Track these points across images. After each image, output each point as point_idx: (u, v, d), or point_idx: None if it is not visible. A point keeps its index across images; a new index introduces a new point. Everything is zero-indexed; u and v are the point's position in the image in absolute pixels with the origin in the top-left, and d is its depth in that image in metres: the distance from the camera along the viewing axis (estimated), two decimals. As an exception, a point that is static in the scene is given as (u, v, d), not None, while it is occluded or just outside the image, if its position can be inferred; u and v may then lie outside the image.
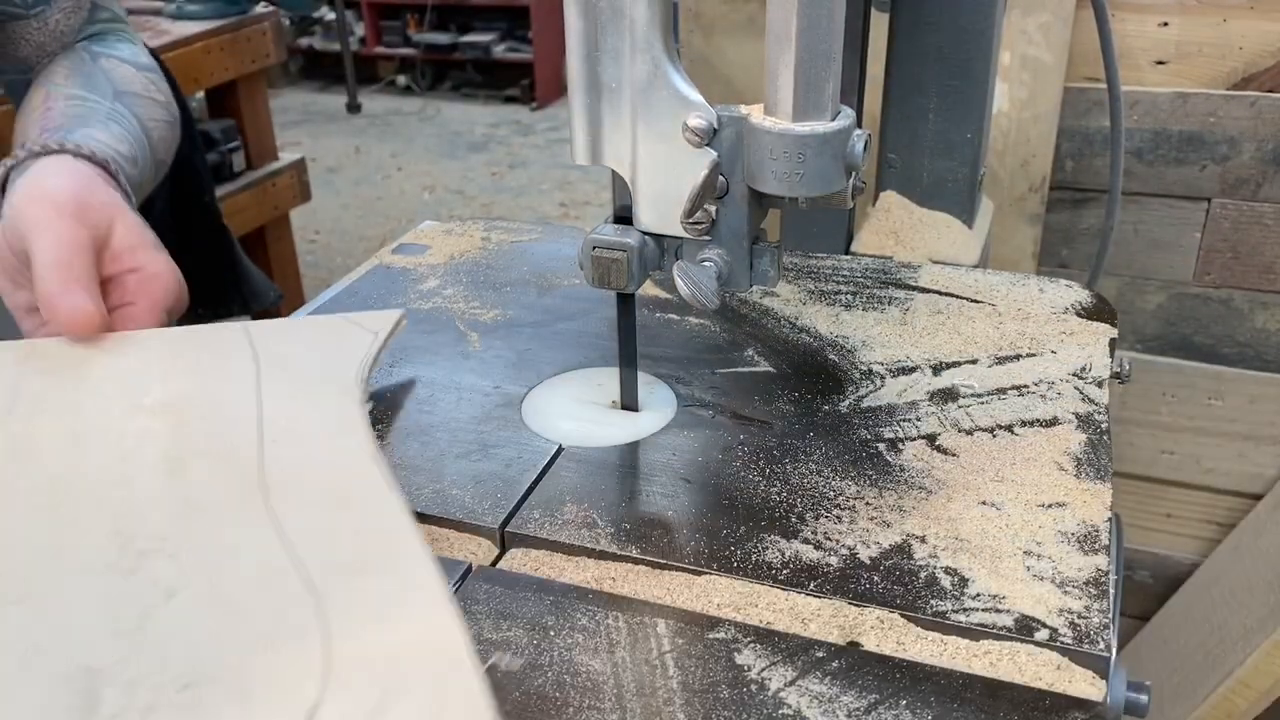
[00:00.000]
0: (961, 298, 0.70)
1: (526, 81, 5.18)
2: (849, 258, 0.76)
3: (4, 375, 0.52)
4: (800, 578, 0.46)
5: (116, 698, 0.35)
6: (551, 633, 0.44)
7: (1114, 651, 0.42)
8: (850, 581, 0.46)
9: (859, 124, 0.48)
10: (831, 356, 0.63)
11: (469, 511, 0.51)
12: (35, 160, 0.63)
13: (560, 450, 0.55)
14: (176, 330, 0.58)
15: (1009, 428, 0.56)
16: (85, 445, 0.48)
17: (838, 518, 0.49)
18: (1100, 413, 0.57)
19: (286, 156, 2.25)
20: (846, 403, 0.59)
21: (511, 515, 0.51)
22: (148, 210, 0.79)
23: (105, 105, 0.73)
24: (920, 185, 0.85)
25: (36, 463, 0.47)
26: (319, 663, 0.36)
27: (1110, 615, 0.44)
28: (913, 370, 0.61)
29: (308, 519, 0.44)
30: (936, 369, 0.62)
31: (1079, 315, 0.67)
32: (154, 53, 0.86)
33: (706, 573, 0.47)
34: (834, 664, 0.42)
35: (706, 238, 0.51)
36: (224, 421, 0.50)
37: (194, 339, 0.57)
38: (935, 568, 0.46)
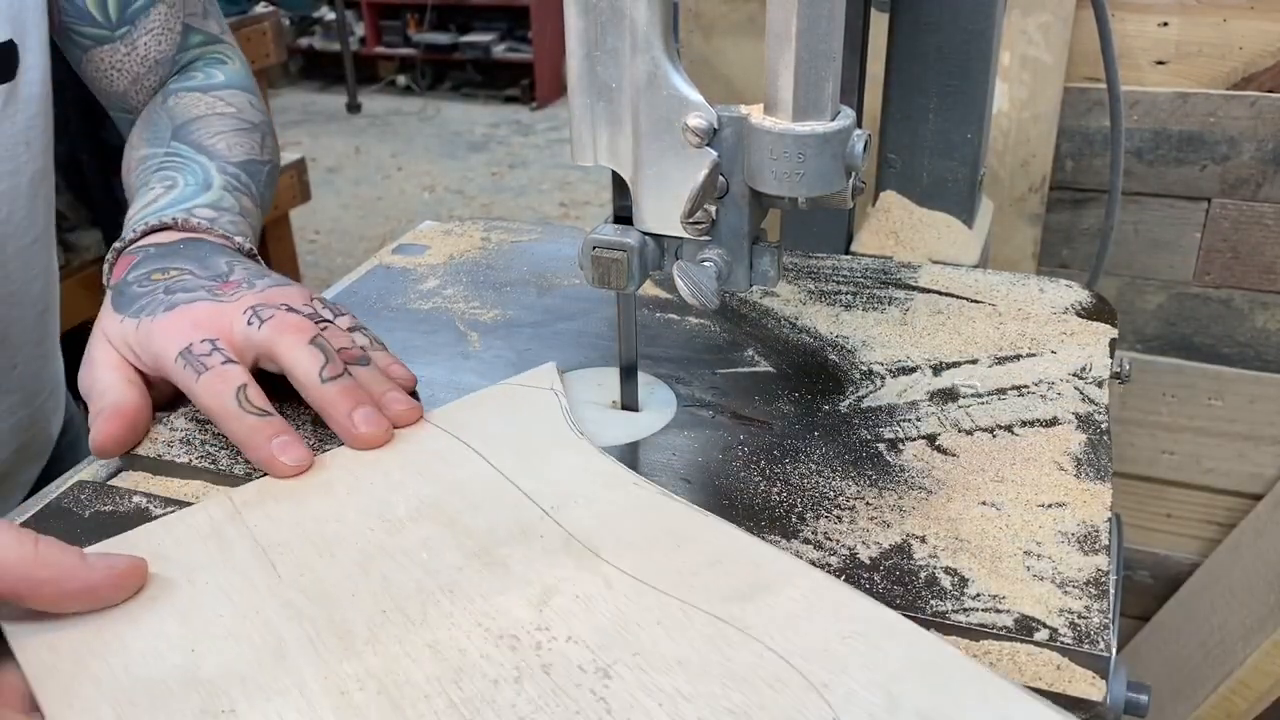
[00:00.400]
0: (962, 298, 0.70)
1: (526, 81, 5.18)
2: (849, 258, 0.76)
3: (235, 535, 0.47)
4: (800, 578, 0.46)
5: None
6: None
7: (1114, 651, 0.42)
8: (850, 581, 0.46)
9: (859, 124, 0.48)
10: (831, 356, 0.63)
11: (469, 511, 0.51)
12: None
13: (560, 450, 0.55)
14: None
15: (1009, 428, 0.56)
16: (385, 580, 0.44)
17: (838, 518, 0.49)
18: (1100, 413, 0.57)
19: (286, 156, 2.25)
20: (846, 403, 0.59)
21: (511, 515, 0.50)
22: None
23: (160, 154, 0.71)
24: (920, 185, 0.85)
25: (362, 614, 0.42)
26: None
27: (1110, 615, 0.44)
28: (913, 370, 0.62)
29: (660, 564, 0.43)
30: (937, 369, 0.62)
31: (1079, 315, 0.67)
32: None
33: (706, 573, 0.47)
34: (834, 664, 0.42)
35: (706, 238, 0.51)
36: (492, 507, 0.48)
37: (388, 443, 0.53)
38: (935, 568, 0.46)
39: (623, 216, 0.52)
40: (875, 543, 0.48)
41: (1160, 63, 1.10)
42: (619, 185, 0.52)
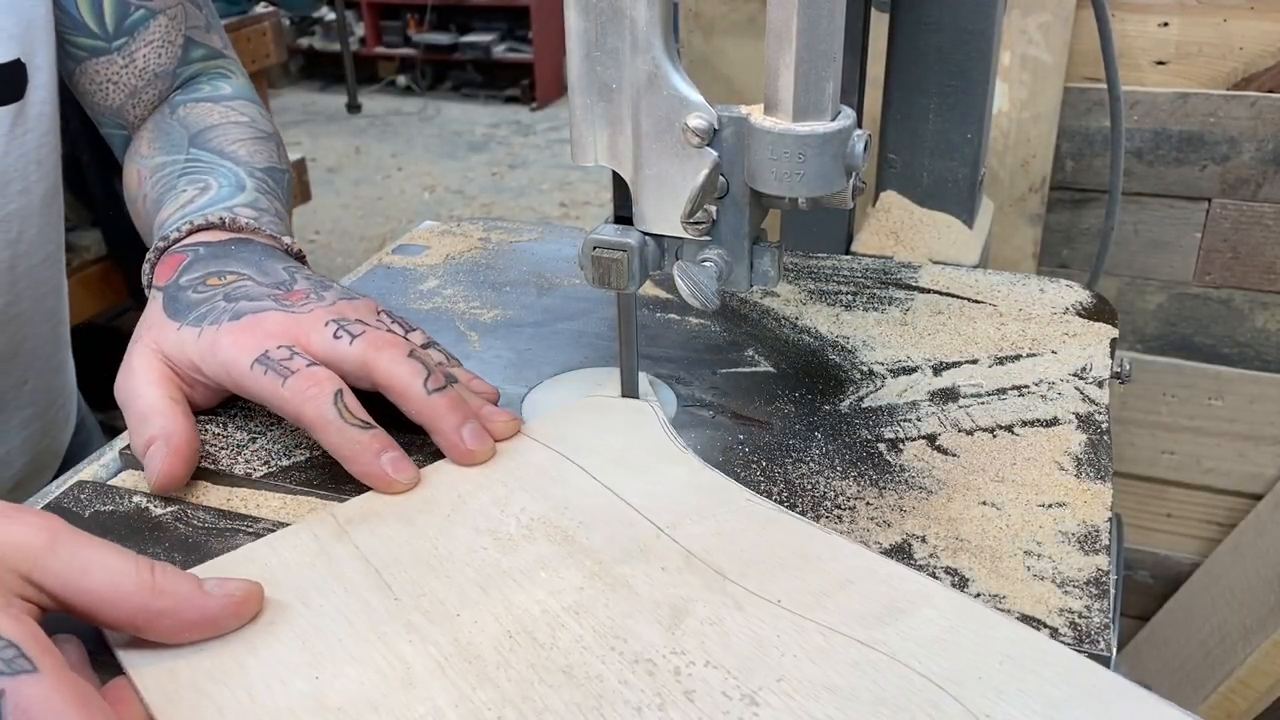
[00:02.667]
0: (962, 298, 0.70)
1: (526, 81, 5.18)
2: (849, 258, 0.76)
3: (344, 555, 0.45)
4: (800, 578, 0.46)
5: None
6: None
7: (1114, 651, 0.42)
8: (850, 581, 0.46)
9: (859, 124, 0.48)
10: (832, 356, 0.63)
11: (469, 511, 0.51)
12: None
13: (560, 450, 0.55)
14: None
15: (1009, 428, 0.56)
16: (507, 601, 0.42)
17: (838, 518, 0.49)
18: (1101, 413, 0.57)
19: (286, 157, 2.25)
20: (847, 403, 0.59)
21: (512, 515, 0.50)
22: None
23: (180, 161, 0.69)
24: (920, 185, 0.85)
25: (488, 637, 0.40)
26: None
27: (1111, 615, 0.44)
28: (913, 370, 0.62)
29: (788, 584, 0.42)
30: (937, 369, 0.62)
31: (1079, 315, 0.67)
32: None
33: (707, 573, 0.47)
34: (834, 664, 0.42)
35: (706, 238, 0.51)
36: (604, 523, 0.46)
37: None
38: (935, 568, 0.46)
39: (623, 216, 0.52)
40: (875, 543, 0.48)
41: (1160, 63, 1.10)
42: (619, 185, 0.52)
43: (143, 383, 0.53)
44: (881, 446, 0.55)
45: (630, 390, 0.58)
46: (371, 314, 0.56)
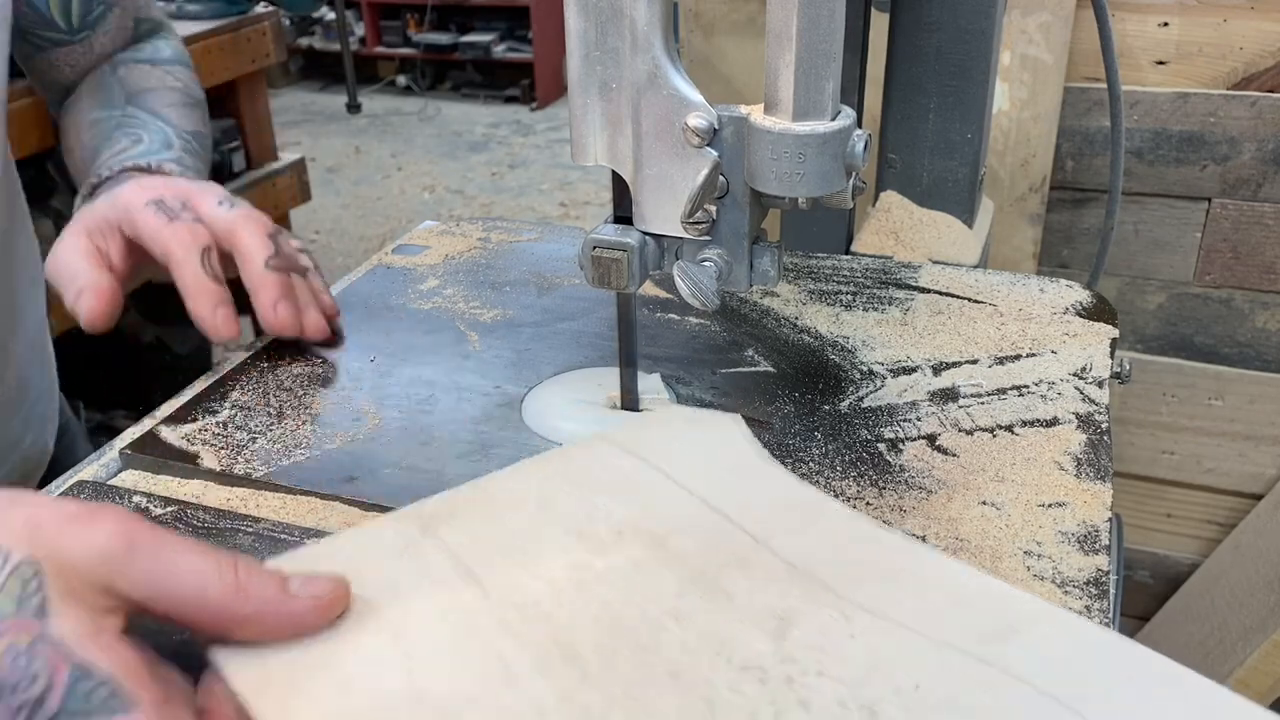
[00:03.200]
0: (962, 298, 0.70)
1: (526, 81, 5.18)
2: (849, 258, 0.76)
3: (431, 550, 0.43)
4: (800, 578, 0.46)
5: None
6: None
7: (1114, 652, 0.42)
8: (850, 582, 0.46)
9: (859, 124, 0.48)
10: (832, 356, 0.63)
11: (469, 511, 0.51)
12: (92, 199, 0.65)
13: (560, 450, 0.55)
14: (549, 456, 0.51)
15: (1009, 428, 0.56)
16: (604, 602, 0.40)
17: (838, 518, 0.49)
18: (1100, 413, 0.57)
19: (286, 156, 2.25)
20: (847, 403, 0.59)
21: (511, 515, 0.50)
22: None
23: (116, 115, 0.73)
24: (920, 185, 0.85)
25: (587, 637, 0.39)
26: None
27: (1111, 615, 0.44)
28: (913, 370, 0.62)
29: (898, 598, 0.41)
30: (937, 369, 0.62)
31: (1079, 315, 0.67)
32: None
33: (707, 573, 0.47)
34: (834, 664, 0.42)
35: (706, 238, 0.51)
36: (695, 532, 0.45)
37: (566, 461, 0.50)
38: (935, 568, 0.46)
39: (623, 216, 0.52)
40: (875, 543, 0.48)
41: (1160, 63, 1.10)
42: (619, 185, 0.52)
43: (66, 253, 0.60)
44: (881, 446, 0.55)
45: (630, 390, 0.58)
46: (265, 222, 0.63)
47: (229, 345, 0.61)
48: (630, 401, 0.58)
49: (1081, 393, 0.59)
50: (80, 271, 0.59)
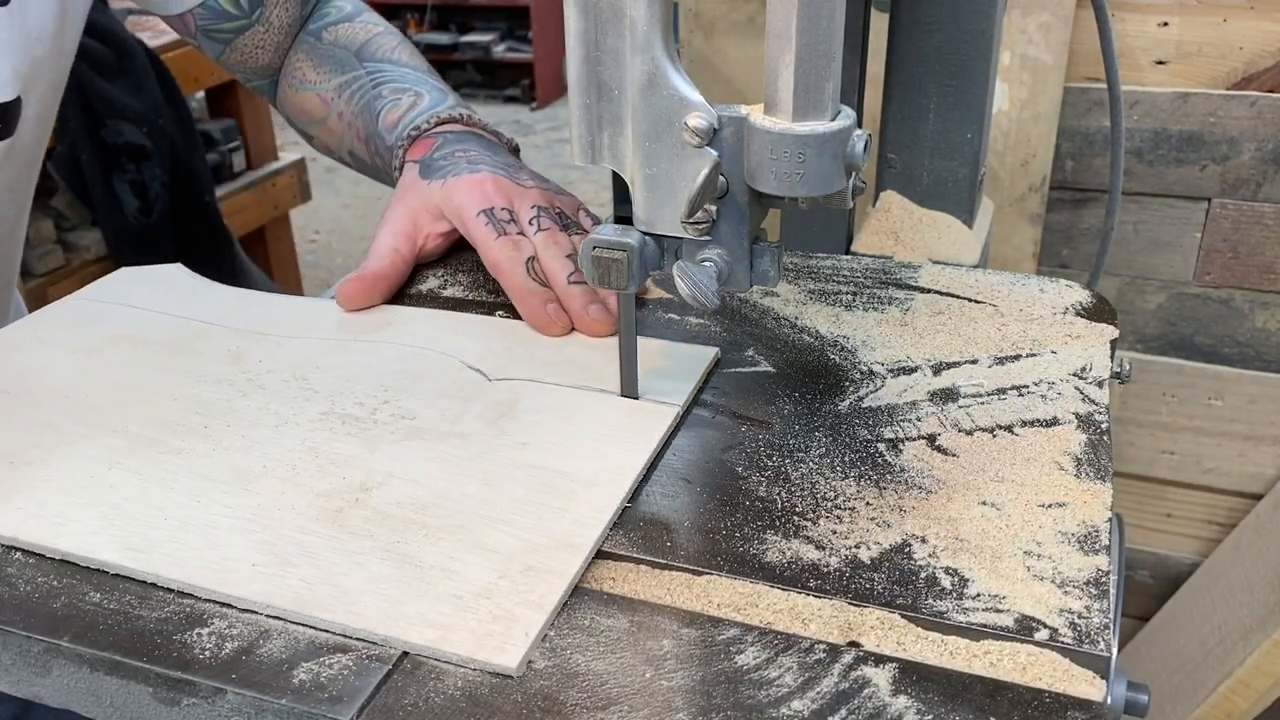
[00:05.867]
0: (962, 298, 0.70)
1: (526, 81, 5.18)
2: (849, 258, 0.76)
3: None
4: (800, 578, 0.46)
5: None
6: (551, 633, 0.44)
7: (1114, 652, 0.42)
8: (850, 581, 0.46)
9: (859, 124, 0.48)
10: (832, 356, 0.63)
11: (469, 511, 0.51)
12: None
13: (560, 450, 0.55)
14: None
15: (1009, 428, 0.56)
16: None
17: (838, 518, 0.49)
18: (1101, 413, 0.57)
19: (286, 156, 2.25)
20: (846, 403, 0.59)
21: (511, 515, 0.50)
22: (149, 210, 0.80)
23: (361, 75, 0.79)
24: (920, 185, 0.85)
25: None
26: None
27: (1111, 615, 0.44)
28: (913, 370, 0.62)
29: (295, 324, 0.65)
30: (937, 369, 0.62)
31: (1079, 315, 0.67)
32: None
33: (706, 573, 0.47)
34: (834, 664, 0.42)
35: (706, 238, 0.51)
36: (163, 328, 0.66)
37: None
38: (935, 568, 0.46)
39: (623, 216, 0.52)
40: (875, 543, 0.48)
41: (1160, 63, 1.10)
42: (619, 185, 0.52)
43: (385, 233, 0.69)
44: (881, 446, 0.55)
45: (630, 390, 0.58)
46: (572, 208, 0.71)
47: None
48: (629, 394, 0.59)
49: (1081, 393, 0.59)
50: (377, 255, 0.68)
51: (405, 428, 0.55)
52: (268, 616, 0.44)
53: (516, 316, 0.66)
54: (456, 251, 0.80)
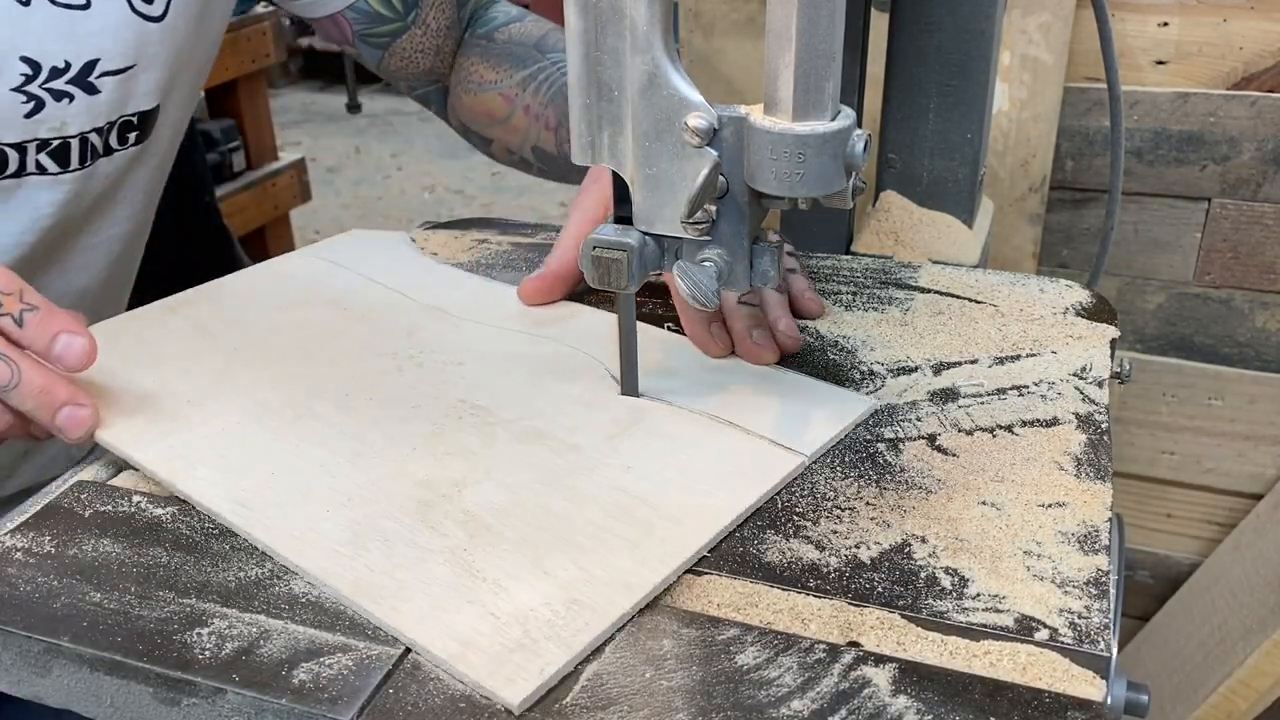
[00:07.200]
0: (962, 298, 0.70)
1: (526, 81, 5.17)
2: (849, 258, 0.76)
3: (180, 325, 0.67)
4: (800, 578, 0.46)
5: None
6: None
7: (1114, 652, 0.42)
8: (850, 581, 0.46)
9: (859, 124, 0.48)
10: (832, 356, 0.63)
11: (469, 511, 0.51)
12: None
13: (560, 450, 0.55)
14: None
15: (1009, 428, 0.56)
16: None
17: (838, 518, 0.49)
18: (1101, 413, 0.57)
19: (286, 156, 2.25)
20: (846, 403, 0.58)
21: (511, 515, 0.50)
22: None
23: (546, 65, 0.79)
24: (920, 185, 0.85)
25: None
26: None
27: (1111, 615, 0.44)
28: (913, 370, 0.61)
29: (489, 312, 0.67)
30: (937, 369, 0.62)
31: (1079, 315, 0.67)
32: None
33: (706, 573, 0.47)
34: (834, 664, 0.42)
35: (706, 238, 0.51)
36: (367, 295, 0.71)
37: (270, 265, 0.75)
38: (935, 568, 0.46)
39: (623, 216, 0.52)
40: (875, 542, 0.48)
41: (1160, 63, 1.10)
42: (619, 185, 0.52)
43: (572, 225, 0.67)
44: (881, 446, 0.55)
45: (630, 389, 0.58)
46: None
47: None
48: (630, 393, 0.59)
49: (1081, 393, 0.59)
50: (560, 246, 0.68)
51: (526, 429, 0.55)
52: (282, 617, 0.44)
53: (683, 331, 0.64)
54: (453, 256, 0.80)
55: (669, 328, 0.65)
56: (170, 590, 0.46)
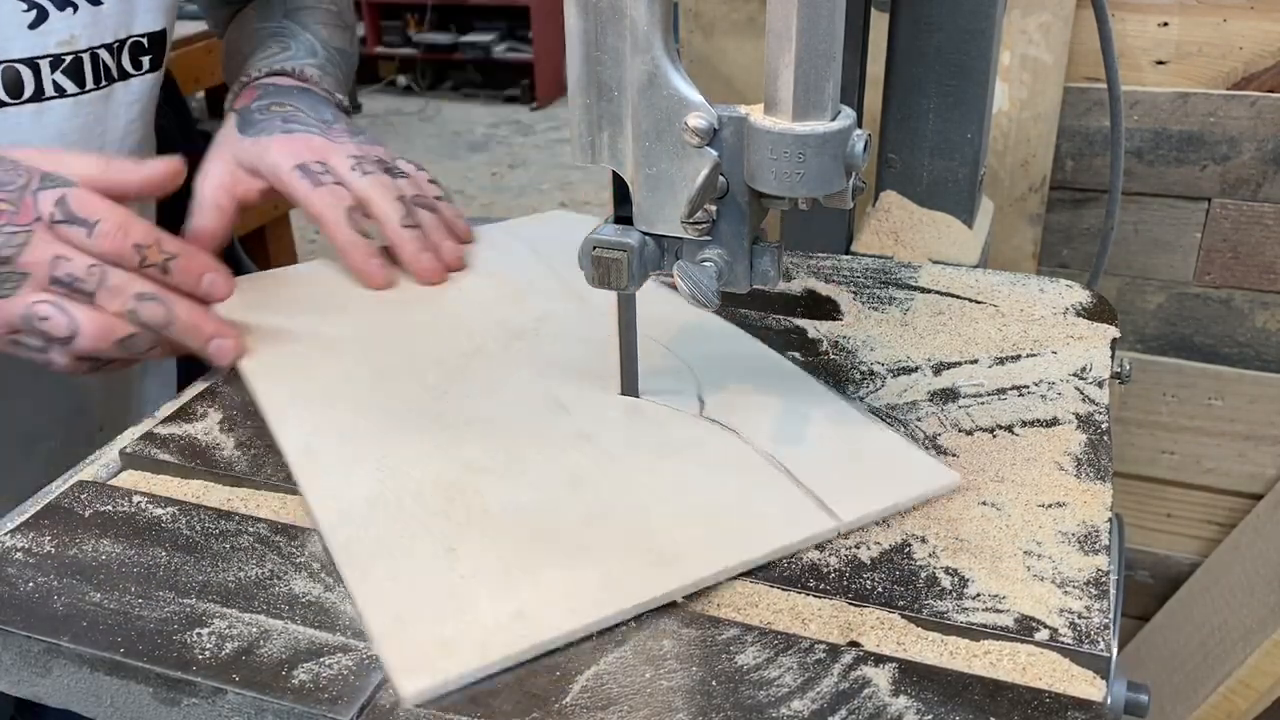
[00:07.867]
0: (962, 298, 0.70)
1: (526, 81, 5.17)
2: (849, 258, 0.76)
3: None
4: (800, 578, 0.46)
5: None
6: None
7: (1114, 652, 0.42)
8: (850, 581, 0.46)
9: (859, 124, 0.48)
10: (832, 356, 0.63)
11: (469, 511, 0.51)
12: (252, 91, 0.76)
13: (560, 450, 0.55)
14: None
15: (1009, 428, 0.56)
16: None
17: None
18: (1101, 413, 0.57)
19: (286, 157, 2.24)
20: (846, 403, 0.58)
21: (512, 515, 0.50)
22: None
23: (272, 25, 0.83)
24: (920, 185, 0.85)
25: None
26: None
27: (1111, 615, 0.44)
28: (913, 370, 0.62)
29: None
30: (937, 369, 0.62)
31: (1079, 315, 0.67)
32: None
33: (707, 573, 0.47)
34: (834, 664, 0.42)
35: (706, 238, 0.51)
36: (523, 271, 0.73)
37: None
38: (935, 568, 0.46)
39: (623, 216, 0.52)
40: (875, 543, 0.48)
41: (1160, 63, 1.10)
42: (619, 185, 0.51)
43: (206, 185, 0.70)
44: (881, 446, 0.55)
45: (630, 389, 0.58)
46: (388, 154, 0.74)
47: None
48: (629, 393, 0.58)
49: (1081, 393, 0.59)
50: (200, 209, 0.69)
51: (582, 431, 0.55)
52: (272, 618, 0.44)
53: (735, 321, 0.66)
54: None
55: (661, 281, 0.66)
56: (170, 590, 0.46)
